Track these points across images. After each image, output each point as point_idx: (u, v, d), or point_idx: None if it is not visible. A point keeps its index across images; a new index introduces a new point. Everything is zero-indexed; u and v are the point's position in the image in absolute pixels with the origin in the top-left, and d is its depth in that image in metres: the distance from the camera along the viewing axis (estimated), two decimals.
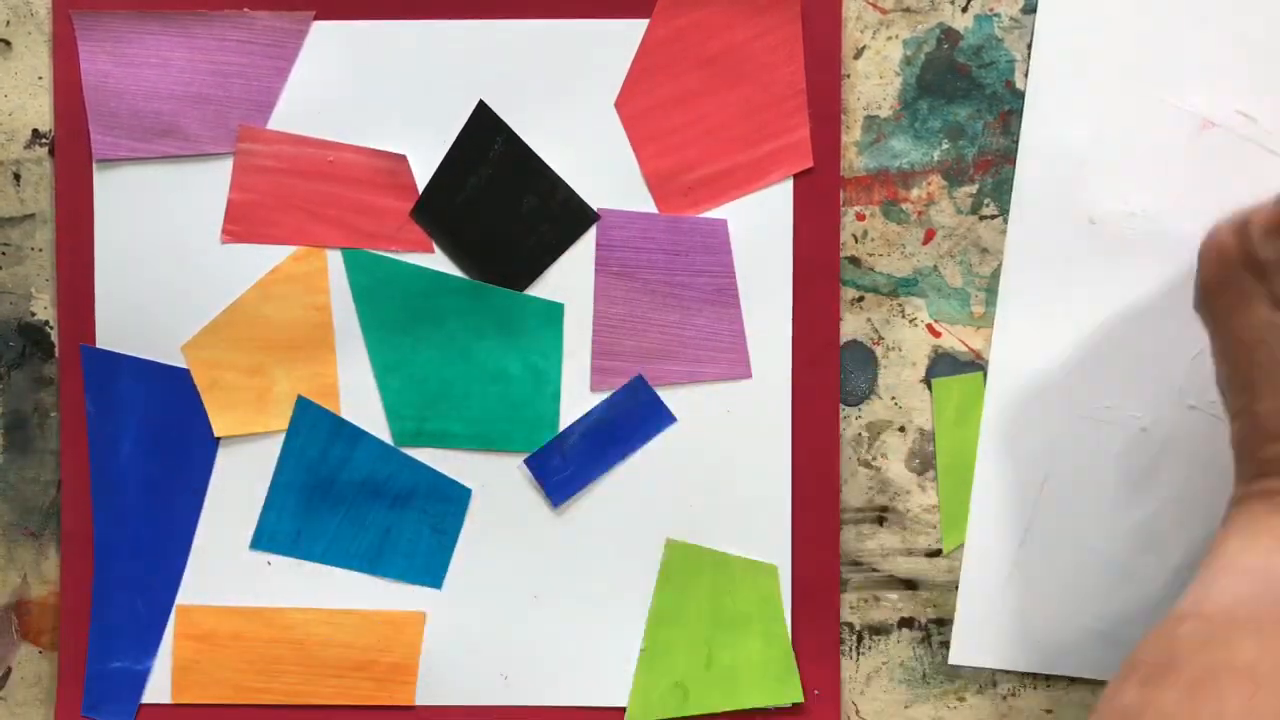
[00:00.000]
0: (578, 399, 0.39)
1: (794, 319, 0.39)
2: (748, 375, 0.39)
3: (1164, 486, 0.39)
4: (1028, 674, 0.39)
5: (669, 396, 0.39)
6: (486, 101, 0.39)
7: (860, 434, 0.39)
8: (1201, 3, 0.38)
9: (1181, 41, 0.38)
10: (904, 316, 0.39)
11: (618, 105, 0.39)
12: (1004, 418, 0.39)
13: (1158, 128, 0.38)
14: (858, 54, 0.39)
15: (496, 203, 0.39)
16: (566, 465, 0.39)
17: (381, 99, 0.39)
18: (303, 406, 0.39)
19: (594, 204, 0.39)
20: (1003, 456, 0.39)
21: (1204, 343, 0.34)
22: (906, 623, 0.40)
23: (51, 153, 0.39)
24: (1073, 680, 0.39)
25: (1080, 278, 0.38)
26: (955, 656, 0.39)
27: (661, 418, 0.39)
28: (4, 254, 0.40)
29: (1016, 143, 0.39)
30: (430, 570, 0.40)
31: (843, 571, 0.40)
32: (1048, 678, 0.39)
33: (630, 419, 0.39)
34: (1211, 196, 0.38)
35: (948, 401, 0.39)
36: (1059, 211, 0.38)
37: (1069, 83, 0.38)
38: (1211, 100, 0.38)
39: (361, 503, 0.40)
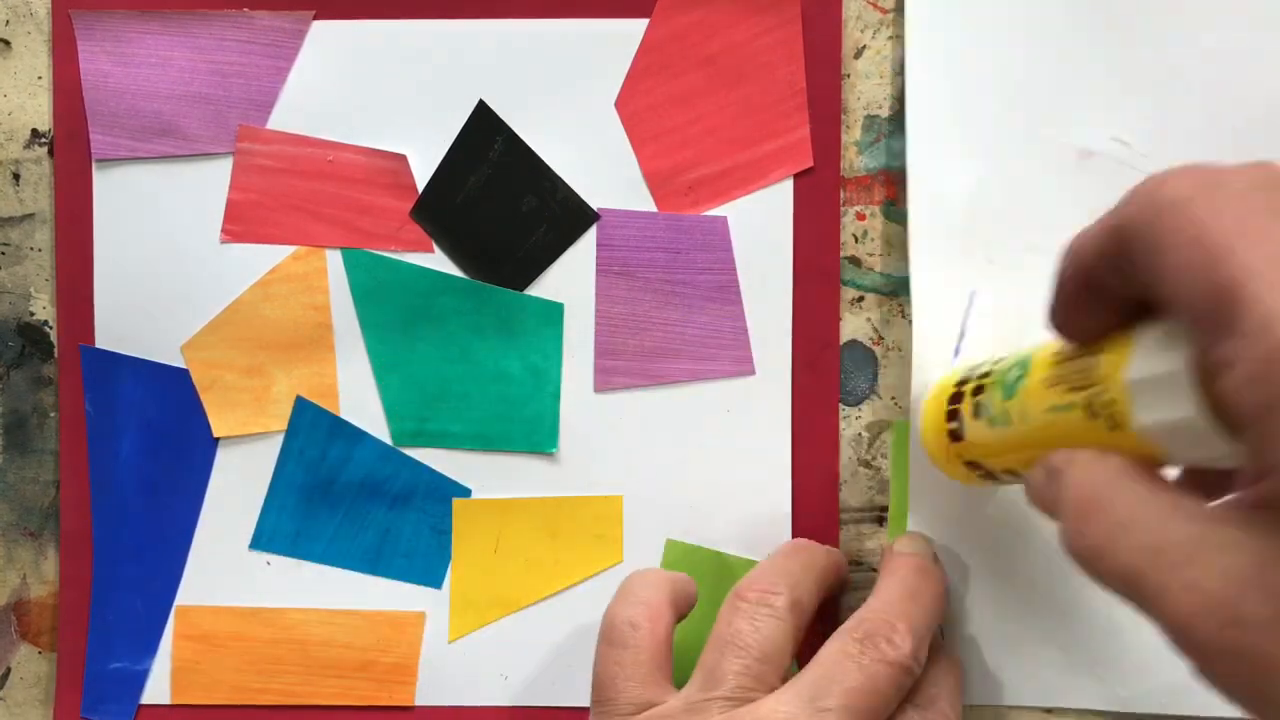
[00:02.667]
0: (578, 399, 0.39)
1: (794, 319, 0.39)
2: (751, 372, 0.39)
3: None
4: None
5: (671, 395, 0.39)
6: (486, 101, 0.39)
7: (860, 434, 0.39)
8: (1065, 35, 0.38)
9: (1052, 75, 0.38)
10: (904, 316, 0.39)
11: (618, 105, 0.39)
12: (924, 460, 0.38)
13: (1039, 163, 0.38)
14: (858, 54, 0.39)
15: (496, 203, 0.39)
16: None
17: (381, 99, 0.39)
18: (302, 407, 0.39)
19: (594, 204, 0.39)
20: (925, 499, 0.39)
21: None
22: None
23: (51, 152, 0.39)
24: None
25: (987, 317, 0.39)
26: None
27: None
28: (3, 254, 0.40)
29: None
30: (430, 570, 0.40)
31: None
32: None
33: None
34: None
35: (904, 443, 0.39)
36: (957, 257, 0.38)
37: (947, 129, 0.38)
38: (1087, 130, 0.38)
39: (361, 503, 0.40)
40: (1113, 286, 0.25)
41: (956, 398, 0.33)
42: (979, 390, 0.32)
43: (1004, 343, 0.38)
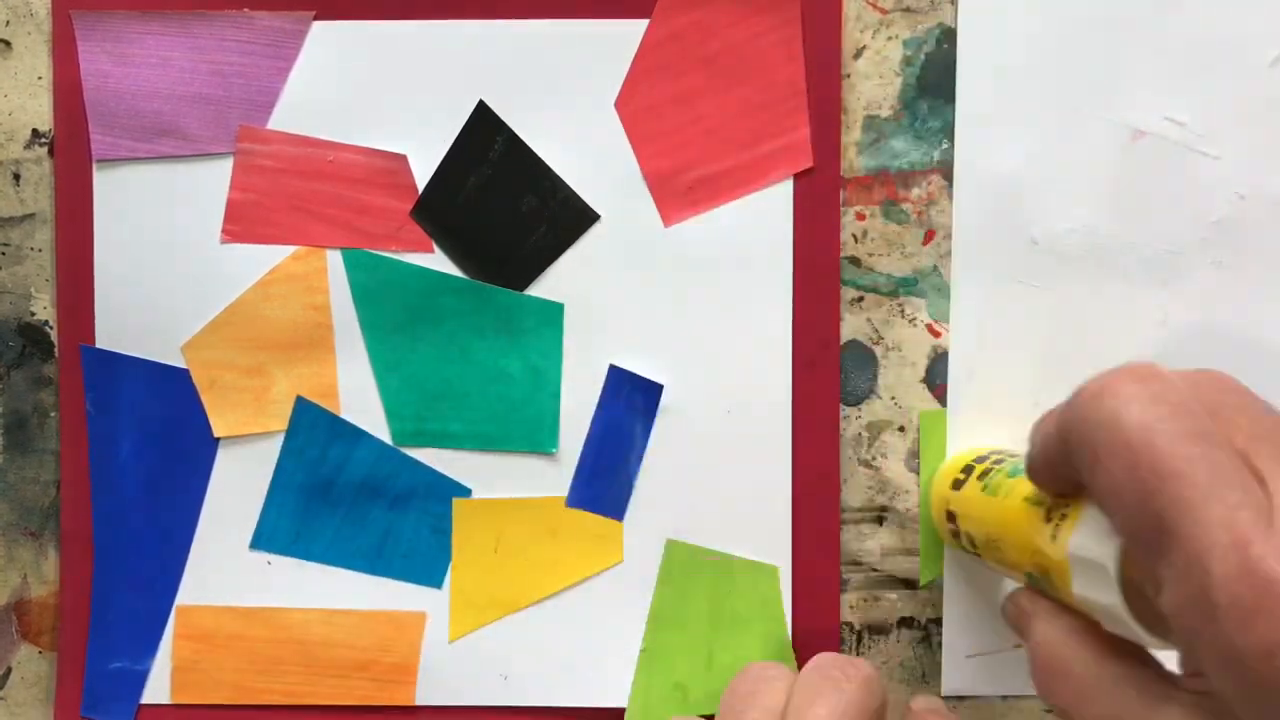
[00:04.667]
0: (578, 399, 0.39)
1: (794, 319, 0.39)
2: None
3: None
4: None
5: (671, 395, 0.39)
6: (486, 101, 0.39)
7: (860, 434, 0.39)
8: (1119, 14, 0.38)
9: (1105, 54, 0.38)
10: (904, 316, 0.39)
11: (618, 105, 0.39)
12: (957, 446, 0.39)
13: (1090, 142, 0.38)
14: (858, 54, 0.39)
15: (496, 203, 0.39)
16: (600, 485, 0.39)
17: (381, 99, 0.39)
18: (302, 407, 0.39)
19: (594, 204, 0.39)
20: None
21: (1153, 351, 0.34)
22: (906, 622, 0.40)
23: (51, 153, 0.39)
24: None
25: (1028, 300, 0.39)
26: (947, 688, 0.39)
27: (652, 390, 0.39)
28: (3, 254, 0.40)
29: None
30: (430, 570, 0.40)
31: (843, 571, 0.40)
32: None
33: (630, 410, 0.39)
34: (1150, 203, 0.38)
35: (932, 434, 0.39)
36: (1001, 236, 0.38)
37: (997, 106, 0.38)
38: (1140, 110, 0.38)
39: (361, 503, 0.40)
40: (1070, 470, 0.25)
41: (981, 459, 0.35)
42: (999, 462, 0.34)
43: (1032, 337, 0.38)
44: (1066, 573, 0.27)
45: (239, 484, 0.40)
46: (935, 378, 0.39)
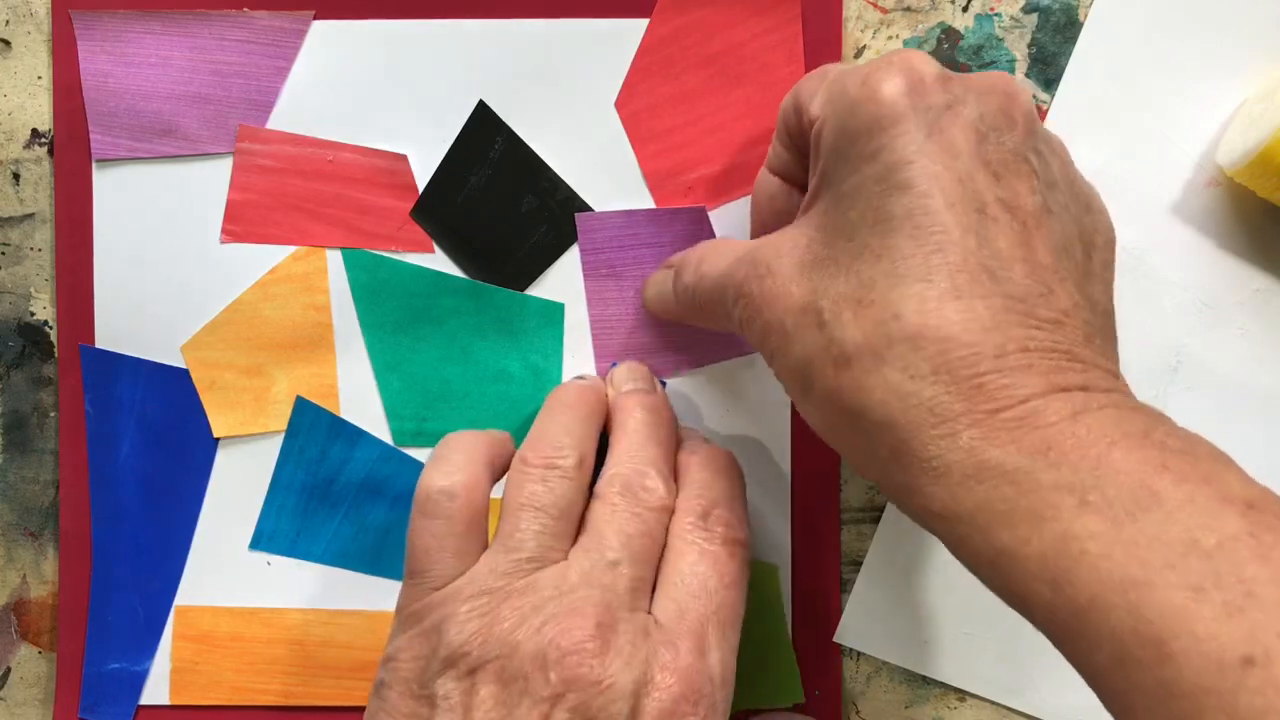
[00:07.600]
0: None
1: None
2: (753, 350, 0.39)
3: None
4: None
5: (670, 395, 0.39)
6: (486, 101, 0.39)
7: None
8: (1242, 68, 0.38)
9: (1209, 99, 0.38)
10: None
11: (618, 105, 0.39)
12: None
13: (1165, 173, 0.38)
14: (858, 54, 0.39)
15: (496, 203, 0.39)
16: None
17: (381, 99, 0.39)
18: (302, 407, 0.39)
19: (594, 204, 0.39)
20: None
21: (1195, 379, 0.33)
22: None
23: (51, 152, 0.39)
24: None
25: None
26: (840, 636, 0.39)
27: None
28: (3, 254, 0.40)
29: None
30: None
31: (843, 572, 0.40)
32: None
33: None
34: (1196, 247, 0.38)
35: None
36: None
37: (1094, 105, 0.38)
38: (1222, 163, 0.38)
39: (361, 503, 0.40)
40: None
41: None
42: None
43: None
44: None
45: (239, 484, 0.40)
46: None
